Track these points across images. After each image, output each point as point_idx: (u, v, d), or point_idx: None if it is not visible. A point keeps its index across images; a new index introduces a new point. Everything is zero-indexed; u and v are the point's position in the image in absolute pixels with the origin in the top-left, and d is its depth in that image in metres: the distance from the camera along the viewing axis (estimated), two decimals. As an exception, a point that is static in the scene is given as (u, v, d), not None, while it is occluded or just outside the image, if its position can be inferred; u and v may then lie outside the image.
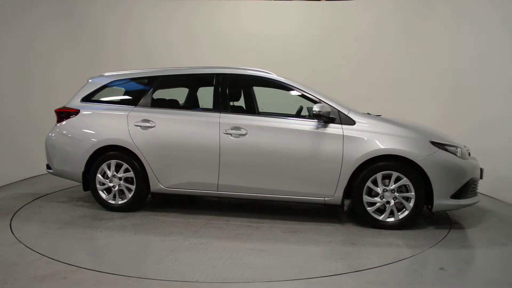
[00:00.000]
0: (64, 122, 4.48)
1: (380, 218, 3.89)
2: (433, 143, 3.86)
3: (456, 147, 3.93)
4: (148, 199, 4.69)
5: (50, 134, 4.55)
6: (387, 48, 7.24)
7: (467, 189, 3.91)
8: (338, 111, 3.99)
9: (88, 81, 4.67)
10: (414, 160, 3.78)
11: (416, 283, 2.79)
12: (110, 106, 4.46)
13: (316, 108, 3.86)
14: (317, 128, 3.96)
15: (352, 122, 3.95)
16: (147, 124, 4.22)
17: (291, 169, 3.99)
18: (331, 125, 3.95)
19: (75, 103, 4.54)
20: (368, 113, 4.56)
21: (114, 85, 4.59)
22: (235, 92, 4.32)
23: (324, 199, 3.96)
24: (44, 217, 4.11)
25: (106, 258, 3.22)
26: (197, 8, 7.60)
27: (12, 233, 3.61)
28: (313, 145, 3.93)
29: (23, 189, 5.30)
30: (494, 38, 5.38)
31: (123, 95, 4.64)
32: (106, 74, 4.67)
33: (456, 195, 3.83)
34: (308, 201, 4.03)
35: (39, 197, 4.87)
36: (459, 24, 6.16)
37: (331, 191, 3.92)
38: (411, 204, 3.82)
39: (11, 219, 4.00)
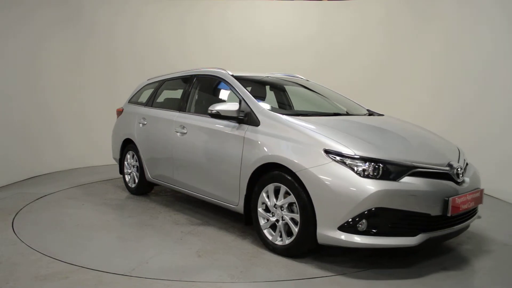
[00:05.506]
0: (117, 119, 5.75)
1: (270, 238, 3.23)
2: (328, 152, 2.89)
3: (365, 161, 2.78)
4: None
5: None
6: (388, 47, 7.34)
7: (377, 222, 2.72)
8: (251, 110, 3.53)
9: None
10: (295, 172, 2.97)
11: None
12: (135, 106, 5.38)
13: (211, 107, 3.59)
14: (228, 128, 3.65)
15: (257, 123, 3.43)
16: (144, 122, 4.93)
17: (207, 170, 3.85)
18: (242, 125, 3.56)
19: (125, 103, 5.71)
20: (345, 113, 3.84)
21: (147, 89, 5.50)
22: (193, 92, 4.41)
23: (234, 207, 3.62)
24: (46, 217, 4.12)
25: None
26: (208, 8, 7.62)
27: (14, 232, 3.62)
28: (223, 146, 3.67)
29: (25, 189, 5.28)
30: (493, 38, 5.35)
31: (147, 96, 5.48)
32: (148, 79, 5.63)
33: (349, 228, 2.75)
34: (224, 206, 3.75)
35: (41, 197, 4.89)
36: (459, 23, 6.08)
37: (236, 199, 3.55)
38: (297, 228, 3.01)
39: (13, 219, 4.01)
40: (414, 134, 3.52)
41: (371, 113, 4.22)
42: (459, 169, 3.01)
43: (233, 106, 3.56)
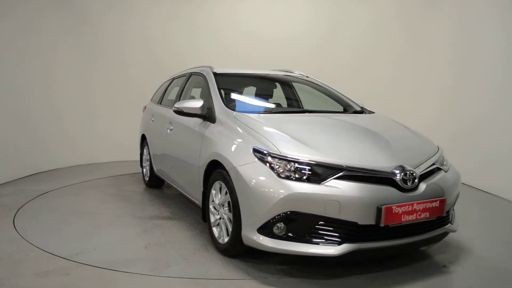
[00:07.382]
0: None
1: (216, 236, 3.19)
2: (255, 150, 2.77)
3: (289, 161, 2.60)
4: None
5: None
6: (390, 46, 7.41)
7: (295, 227, 2.54)
8: (212, 106, 3.52)
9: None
10: (227, 170, 2.89)
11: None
12: (152, 104, 5.65)
13: (176, 104, 3.63)
14: (194, 125, 3.68)
15: (214, 120, 3.41)
16: (153, 119, 5.18)
17: (182, 166, 3.93)
18: (204, 122, 3.56)
19: (149, 101, 6.04)
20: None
21: (165, 86, 5.74)
22: (186, 89, 4.49)
23: (198, 203, 3.64)
24: (47, 214, 4.15)
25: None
26: (199, 5, 7.39)
27: (15, 229, 3.63)
28: (190, 143, 3.71)
29: (26, 186, 5.30)
30: (493, 38, 5.40)
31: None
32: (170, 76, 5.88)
33: (266, 231, 2.60)
34: (194, 202, 3.79)
35: (42, 194, 4.92)
36: (460, 24, 6.18)
37: (199, 195, 3.57)
38: (231, 227, 2.93)
39: (14, 216, 4.03)
40: (384, 133, 3.18)
41: (361, 111, 3.92)
42: (408, 174, 2.65)
43: (196, 104, 3.57)
